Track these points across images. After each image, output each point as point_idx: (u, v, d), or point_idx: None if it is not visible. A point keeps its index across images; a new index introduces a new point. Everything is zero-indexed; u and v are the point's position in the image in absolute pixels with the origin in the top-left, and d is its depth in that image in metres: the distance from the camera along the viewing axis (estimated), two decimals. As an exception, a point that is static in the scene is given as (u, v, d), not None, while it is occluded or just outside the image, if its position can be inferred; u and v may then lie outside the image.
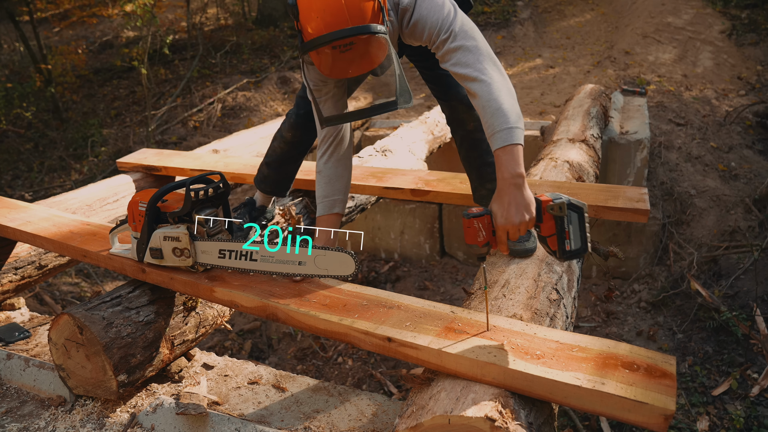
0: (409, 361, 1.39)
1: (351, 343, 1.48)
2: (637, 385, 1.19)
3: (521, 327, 1.43)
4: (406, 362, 1.51)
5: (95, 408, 1.83)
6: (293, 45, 9.55)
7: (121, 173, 3.35)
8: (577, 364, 1.27)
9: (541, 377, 1.23)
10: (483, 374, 1.28)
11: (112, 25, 11.76)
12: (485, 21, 9.18)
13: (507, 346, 1.34)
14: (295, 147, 2.34)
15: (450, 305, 1.55)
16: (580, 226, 1.40)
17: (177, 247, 1.76)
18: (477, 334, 1.39)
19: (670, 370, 1.25)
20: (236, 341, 4.48)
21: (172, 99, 8.18)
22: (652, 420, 1.14)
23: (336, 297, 1.63)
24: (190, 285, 1.79)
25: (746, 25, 7.24)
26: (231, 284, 1.74)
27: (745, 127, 5.32)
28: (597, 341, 1.36)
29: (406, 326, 1.45)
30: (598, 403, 1.19)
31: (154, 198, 1.75)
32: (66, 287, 5.04)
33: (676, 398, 1.17)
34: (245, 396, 1.85)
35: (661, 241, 4.45)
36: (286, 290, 1.68)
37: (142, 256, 1.85)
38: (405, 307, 1.56)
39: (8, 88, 8.92)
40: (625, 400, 1.16)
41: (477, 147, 2.04)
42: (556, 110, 5.76)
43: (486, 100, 1.51)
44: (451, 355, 1.32)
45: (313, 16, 1.39)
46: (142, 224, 1.79)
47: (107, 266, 2.03)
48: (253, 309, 1.67)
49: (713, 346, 3.60)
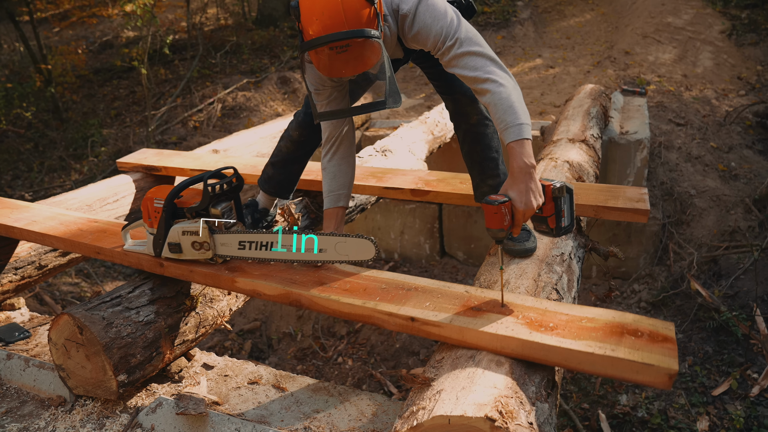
0: (432, 339, 1.49)
1: (375, 324, 1.56)
2: (642, 350, 1.30)
3: (532, 302, 1.54)
4: (429, 339, 1.58)
5: (95, 408, 1.83)
6: (293, 45, 9.55)
7: (121, 173, 3.35)
8: (587, 333, 1.38)
9: (557, 347, 1.33)
10: (502, 347, 1.39)
11: (112, 25, 11.76)
12: (485, 21, 9.18)
13: (522, 320, 1.44)
14: (302, 147, 2.37)
15: (463, 285, 1.65)
16: (571, 206, 1.64)
17: (196, 240, 1.80)
18: (493, 311, 1.49)
19: (671, 335, 1.36)
20: (236, 341, 4.48)
21: (172, 99, 8.18)
22: (659, 379, 1.25)
23: (355, 282, 1.70)
24: (210, 277, 1.84)
25: (746, 25, 7.25)
26: (252, 274, 1.79)
27: (745, 127, 5.32)
28: (603, 312, 1.47)
29: (426, 306, 1.54)
30: (609, 368, 1.30)
31: (172, 194, 1.79)
32: (66, 287, 5.04)
33: (678, 359, 1.28)
34: (245, 396, 1.85)
35: (661, 241, 4.45)
36: (306, 277, 1.74)
37: (159, 251, 1.88)
38: (422, 288, 1.64)
39: (8, 88, 8.92)
40: (633, 363, 1.27)
41: (479, 141, 2.09)
42: (556, 110, 5.76)
43: (498, 98, 1.63)
44: (472, 330, 1.42)
45: (313, 19, 1.49)
46: (159, 220, 1.83)
47: (122, 262, 2.04)
48: (276, 297, 1.72)
49: (713, 346, 3.60)
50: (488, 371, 1.31)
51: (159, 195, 1.82)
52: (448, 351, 1.47)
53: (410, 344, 4.08)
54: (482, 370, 1.32)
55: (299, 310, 4.71)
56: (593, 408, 3.29)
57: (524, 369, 1.36)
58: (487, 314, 1.48)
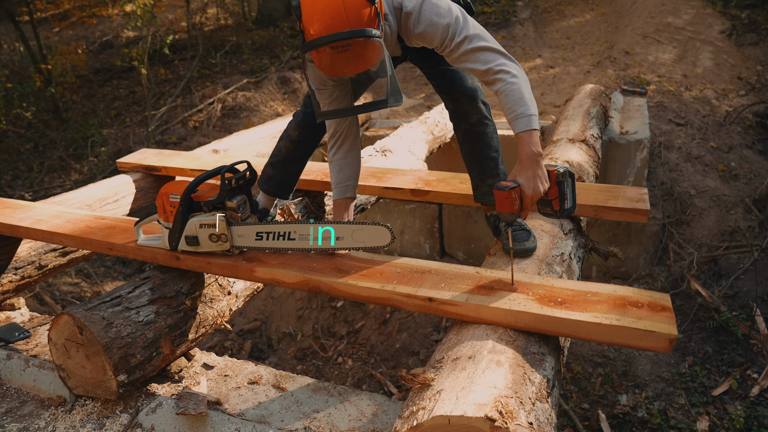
0: (449, 317, 1.60)
1: (394, 306, 1.64)
2: (645, 319, 1.43)
3: (539, 280, 1.65)
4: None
5: (95, 408, 1.83)
6: (293, 45, 9.55)
7: (121, 173, 3.35)
8: (593, 306, 1.50)
9: (567, 319, 1.45)
10: (516, 321, 1.50)
11: (112, 25, 11.76)
12: (485, 21, 9.19)
13: (532, 297, 1.55)
14: (301, 147, 2.38)
15: (473, 267, 1.76)
16: (573, 189, 1.78)
17: (213, 233, 1.86)
18: (504, 289, 1.60)
19: (668, 304, 1.51)
20: (236, 341, 4.48)
21: (172, 99, 8.18)
22: (660, 344, 1.38)
23: (371, 267, 1.78)
24: (228, 267, 1.89)
25: (746, 25, 7.25)
26: (269, 263, 1.85)
27: (745, 127, 5.32)
28: (605, 287, 1.59)
29: (441, 287, 1.63)
30: (615, 336, 1.42)
31: (189, 189, 1.84)
32: (66, 287, 5.04)
33: (676, 326, 1.40)
34: (245, 396, 1.85)
35: (661, 241, 4.45)
36: (323, 265, 1.81)
37: (175, 244, 1.92)
38: (435, 270, 1.73)
39: (8, 88, 8.92)
40: (637, 330, 1.39)
41: (479, 141, 2.10)
42: (556, 110, 5.76)
43: (510, 89, 1.70)
44: (487, 308, 1.52)
45: (314, 19, 1.52)
46: (175, 214, 1.87)
47: (136, 257, 2.07)
48: (295, 284, 1.79)
49: (713, 346, 3.60)
50: (488, 371, 1.31)
51: (175, 190, 1.86)
52: (447, 351, 1.47)
53: (410, 344, 4.08)
54: (482, 370, 1.32)
55: (299, 309, 4.71)
56: (593, 408, 3.29)
57: (524, 369, 1.36)
58: (499, 292, 1.58)
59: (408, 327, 4.21)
